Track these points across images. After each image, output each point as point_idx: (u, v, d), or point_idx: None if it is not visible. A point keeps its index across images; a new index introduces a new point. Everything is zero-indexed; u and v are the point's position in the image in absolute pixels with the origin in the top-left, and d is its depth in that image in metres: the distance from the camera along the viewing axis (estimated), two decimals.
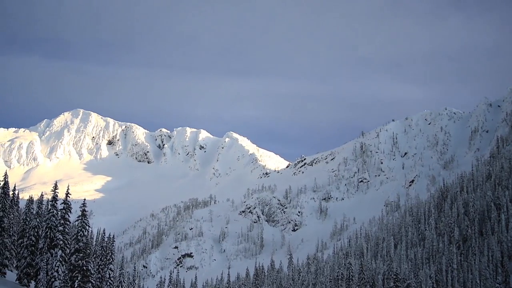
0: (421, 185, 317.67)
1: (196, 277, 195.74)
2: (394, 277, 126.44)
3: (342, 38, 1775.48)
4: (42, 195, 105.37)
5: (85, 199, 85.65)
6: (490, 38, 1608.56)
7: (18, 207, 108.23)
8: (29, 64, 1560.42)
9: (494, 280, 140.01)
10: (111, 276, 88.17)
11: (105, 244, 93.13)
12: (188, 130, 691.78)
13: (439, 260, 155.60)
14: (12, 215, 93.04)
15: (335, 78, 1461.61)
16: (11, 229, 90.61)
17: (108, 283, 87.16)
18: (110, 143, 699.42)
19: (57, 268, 79.02)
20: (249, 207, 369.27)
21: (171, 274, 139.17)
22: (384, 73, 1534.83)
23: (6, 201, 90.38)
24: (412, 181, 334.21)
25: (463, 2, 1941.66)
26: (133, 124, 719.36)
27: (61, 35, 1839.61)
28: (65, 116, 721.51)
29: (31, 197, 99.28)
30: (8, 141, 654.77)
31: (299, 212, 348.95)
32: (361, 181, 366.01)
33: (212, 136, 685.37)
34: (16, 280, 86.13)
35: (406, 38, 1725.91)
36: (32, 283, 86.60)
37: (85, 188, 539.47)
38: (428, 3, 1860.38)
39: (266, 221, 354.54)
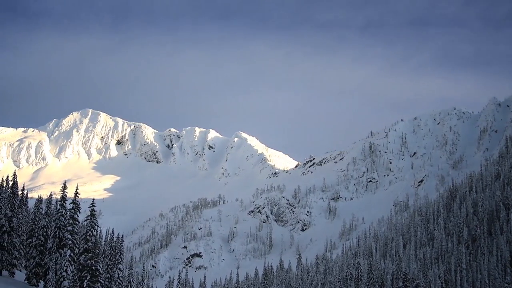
0: (430, 185, 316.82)
1: (205, 277, 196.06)
2: (403, 277, 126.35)
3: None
4: (51, 195, 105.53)
5: (94, 199, 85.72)
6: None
7: (27, 207, 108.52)
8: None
9: (503, 280, 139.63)
10: (120, 276, 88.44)
11: (114, 244, 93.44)
12: (197, 130, 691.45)
13: (448, 260, 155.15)
14: (21, 215, 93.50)
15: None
16: (20, 229, 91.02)
17: (117, 283, 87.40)
18: (119, 143, 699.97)
19: (66, 268, 79.26)
20: (258, 207, 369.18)
21: (180, 274, 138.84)
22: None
23: (15, 201, 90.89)
24: (421, 181, 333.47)
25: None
26: (142, 124, 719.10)
27: None
28: (74, 116, 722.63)
29: (40, 197, 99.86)
30: (17, 141, 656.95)
31: (308, 212, 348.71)
32: (370, 181, 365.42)
33: (221, 136, 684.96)
34: (25, 280, 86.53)
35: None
36: (41, 283, 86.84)
37: (94, 187, 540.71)
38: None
39: (275, 221, 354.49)
